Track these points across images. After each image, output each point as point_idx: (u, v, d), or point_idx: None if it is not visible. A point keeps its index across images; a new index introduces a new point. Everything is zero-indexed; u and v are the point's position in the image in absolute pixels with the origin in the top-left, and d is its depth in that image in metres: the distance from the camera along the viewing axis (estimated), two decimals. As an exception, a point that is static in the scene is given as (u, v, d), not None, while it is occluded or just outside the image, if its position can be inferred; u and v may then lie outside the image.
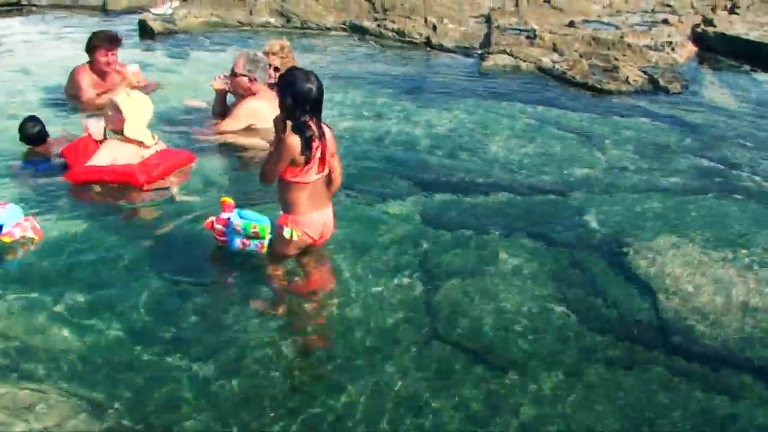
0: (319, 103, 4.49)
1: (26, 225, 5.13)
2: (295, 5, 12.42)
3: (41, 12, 13.45)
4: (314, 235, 4.76)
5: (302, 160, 4.43)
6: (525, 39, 10.90)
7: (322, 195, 4.73)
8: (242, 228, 4.77)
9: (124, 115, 6.07)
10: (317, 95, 4.45)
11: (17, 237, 5.08)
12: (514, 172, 6.58)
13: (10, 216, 5.09)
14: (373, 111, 8.03)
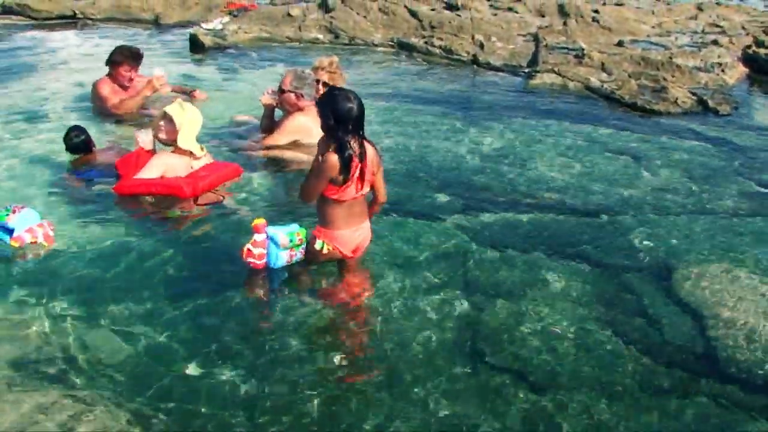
0: (360, 122, 4.53)
1: (38, 231, 5.23)
2: (344, 22, 12.50)
3: (95, 25, 13.70)
4: (346, 251, 4.82)
5: (341, 179, 4.48)
6: (573, 58, 10.85)
7: (360, 212, 4.78)
8: (289, 239, 4.77)
9: (178, 126, 6.13)
10: (358, 113, 4.49)
11: (27, 242, 5.19)
12: (561, 192, 6.53)
13: (23, 221, 5.19)
14: (419, 128, 8.03)
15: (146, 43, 11.97)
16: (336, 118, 4.47)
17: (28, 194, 6.20)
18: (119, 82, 8.13)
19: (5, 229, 5.15)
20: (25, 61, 10.84)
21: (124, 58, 8.09)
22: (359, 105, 4.51)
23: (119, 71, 8.09)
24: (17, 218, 5.16)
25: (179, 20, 13.74)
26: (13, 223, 5.13)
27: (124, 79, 8.10)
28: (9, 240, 5.15)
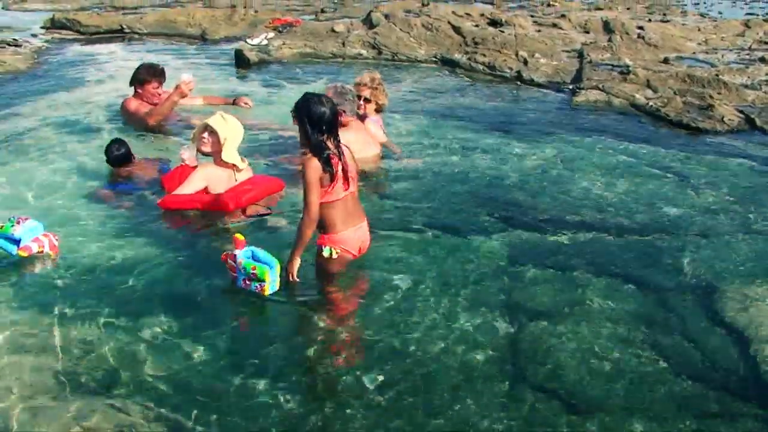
0: (333, 125, 4.85)
1: (44, 241, 5.35)
2: (387, 38, 12.54)
3: (142, 39, 13.92)
4: (353, 251, 5.01)
5: (327, 177, 4.73)
6: (618, 75, 10.76)
7: (355, 211, 5.03)
8: (243, 267, 4.85)
9: (222, 138, 6.17)
10: (331, 117, 4.82)
11: (34, 251, 5.30)
12: (604, 211, 6.46)
13: (29, 231, 5.30)
14: (461, 144, 8.01)
15: (192, 58, 12.17)
16: (310, 121, 4.79)
17: (69, 205, 6.34)
18: (147, 100, 8.30)
19: (12, 240, 5.26)
20: (73, 74, 11.07)
21: (152, 76, 8.30)
22: (332, 109, 4.85)
23: (147, 89, 8.29)
24: (23, 229, 5.28)
25: (225, 35, 13.92)
26: (20, 233, 5.26)
27: (153, 97, 8.29)
28: (17, 250, 5.26)
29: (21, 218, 5.36)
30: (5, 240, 5.28)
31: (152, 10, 16.19)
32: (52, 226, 5.74)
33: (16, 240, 5.25)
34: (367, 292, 5.07)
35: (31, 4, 17.53)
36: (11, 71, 11.05)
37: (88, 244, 5.67)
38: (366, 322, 4.76)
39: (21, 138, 7.97)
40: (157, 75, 8.34)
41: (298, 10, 16.85)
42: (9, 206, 6.25)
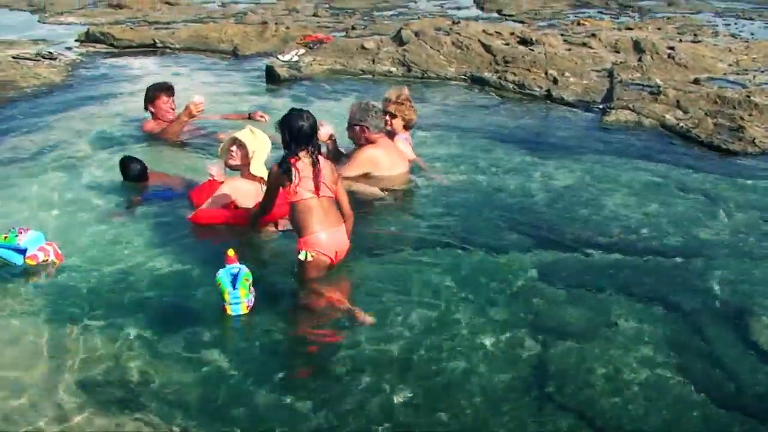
0: (309, 137, 5.30)
1: (49, 249, 5.49)
2: (417, 55, 12.57)
3: (174, 54, 14.05)
4: (329, 254, 5.27)
5: (285, 179, 5.19)
6: (648, 95, 10.71)
7: (330, 216, 5.29)
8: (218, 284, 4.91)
9: (250, 152, 6.22)
10: (308, 131, 5.28)
11: (41, 260, 5.44)
12: (634, 232, 6.44)
13: (34, 240, 5.46)
14: (490, 163, 8.01)
15: (223, 73, 12.27)
16: (289, 133, 5.28)
17: (98, 216, 6.44)
18: (162, 117, 8.48)
19: (18, 250, 5.41)
20: (107, 87, 11.20)
21: (158, 91, 8.52)
22: (311, 124, 5.31)
23: (158, 105, 8.49)
24: (27, 238, 5.43)
25: (256, 51, 14.00)
26: (25, 243, 5.42)
27: (165, 112, 8.48)
28: (23, 259, 5.40)
29: (22, 229, 5.53)
30: (10, 250, 5.43)
31: (185, 25, 16.34)
32: (79, 237, 5.89)
33: (22, 250, 5.41)
34: (393, 308, 5.07)
35: (67, 18, 17.74)
36: (46, 84, 11.20)
37: (116, 256, 5.76)
38: (392, 338, 4.76)
39: (54, 150, 8.09)
40: (164, 89, 8.56)
41: (328, 26, 16.94)
42: (38, 217, 6.39)
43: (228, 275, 4.87)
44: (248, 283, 4.89)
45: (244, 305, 4.89)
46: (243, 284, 4.85)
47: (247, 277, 4.89)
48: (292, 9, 19.64)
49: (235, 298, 4.84)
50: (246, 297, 4.88)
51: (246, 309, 4.90)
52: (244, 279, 4.86)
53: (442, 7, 21.55)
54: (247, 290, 4.88)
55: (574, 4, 22.48)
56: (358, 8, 20.54)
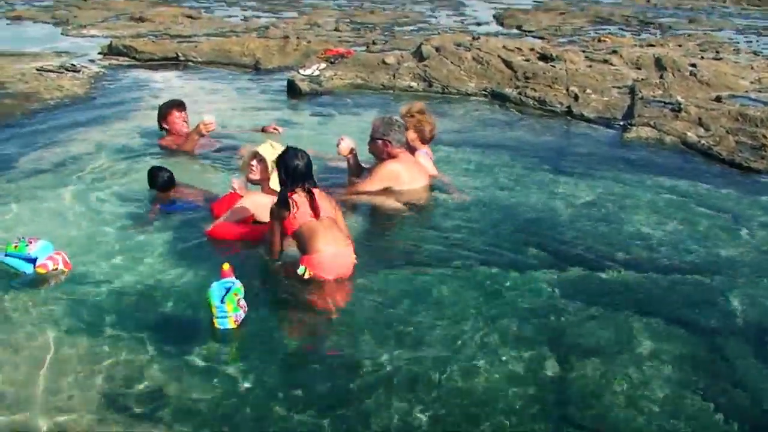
0: (306, 175, 5.55)
1: (57, 258, 5.58)
2: (438, 70, 12.61)
3: (196, 67, 14.16)
4: (328, 275, 5.44)
5: (285, 211, 5.44)
6: (669, 112, 10.67)
7: (332, 234, 5.51)
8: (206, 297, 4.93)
9: (270, 166, 6.25)
10: (303, 169, 5.53)
11: (50, 269, 5.52)
12: (654, 250, 6.40)
13: (43, 250, 5.56)
14: (510, 179, 8.00)
15: (245, 87, 12.34)
16: (285, 171, 5.52)
17: (119, 228, 6.49)
18: (176, 131, 8.69)
19: (28, 259, 5.52)
20: (129, 100, 11.30)
21: (169, 107, 8.79)
22: (306, 163, 5.55)
23: (171, 121, 8.73)
24: (37, 248, 5.54)
25: (278, 65, 14.10)
26: (35, 252, 5.52)
27: (178, 126, 8.69)
28: (33, 268, 5.49)
29: (32, 239, 5.61)
30: (21, 260, 5.53)
31: (207, 39, 16.47)
32: (99, 247, 6.00)
33: (33, 259, 5.50)
34: (412, 324, 5.06)
35: (89, 31, 17.91)
36: (69, 96, 11.30)
37: (135, 267, 5.79)
38: (410, 355, 4.75)
39: (76, 162, 8.15)
40: (174, 105, 8.81)
41: (349, 41, 17.02)
42: (60, 229, 6.43)
43: (220, 289, 4.87)
44: (237, 298, 4.89)
45: (232, 320, 4.88)
46: (231, 299, 4.85)
47: (237, 292, 4.90)
48: (314, 23, 19.75)
49: (221, 312, 4.85)
50: (234, 312, 4.87)
51: (234, 324, 4.90)
52: (233, 294, 4.86)
53: (463, 22, 21.62)
54: (235, 305, 4.87)
55: (595, 21, 22.50)
56: (378, 23, 20.64)
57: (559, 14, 23.59)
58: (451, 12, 24.14)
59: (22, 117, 10.12)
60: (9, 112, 10.25)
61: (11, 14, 20.37)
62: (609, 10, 25.33)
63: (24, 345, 4.76)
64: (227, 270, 5.01)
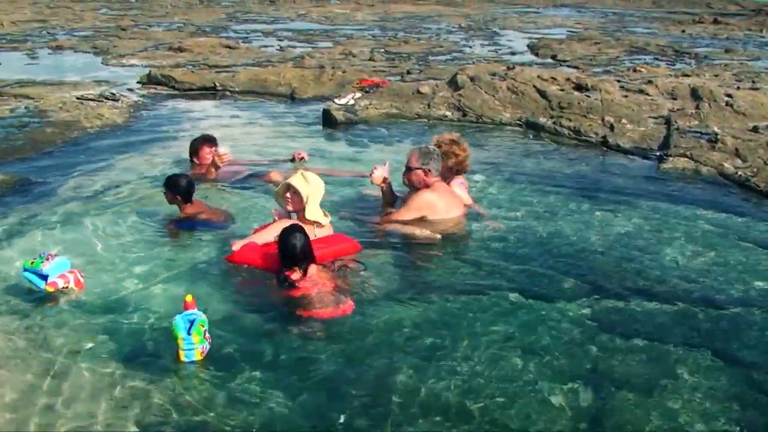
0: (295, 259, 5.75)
1: (69, 277, 5.70)
2: (472, 100, 12.66)
3: (233, 97, 14.34)
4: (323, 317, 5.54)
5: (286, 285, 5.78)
6: (706, 142, 10.62)
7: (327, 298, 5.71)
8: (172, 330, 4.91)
9: (304, 198, 6.33)
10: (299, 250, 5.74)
11: (60, 287, 5.64)
12: (692, 282, 6.35)
13: (56, 268, 5.64)
14: (546, 209, 7.99)
15: (281, 116, 12.46)
16: (282, 252, 5.77)
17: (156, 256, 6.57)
18: (203, 165, 8.86)
19: (41, 275, 5.60)
20: (167, 129, 11.46)
21: (201, 142, 9.01)
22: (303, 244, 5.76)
23: (201, 156, 8.93)
24: (51, 265, 5.62)
25: (313, 95, 14.24)
26: (48, 269, 5.59)
27: (208, 161, 8.79)
28: (44, 285, 5.58)
29: (50, 255, 5.73)
30: (35, 275, 5.63)
31: (244, 68, 16.68)
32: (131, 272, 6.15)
33: (44, 275, 5.60)
34: (446, 354, 5.06)
35: (129, 60, 18.22)
36: (109, 125, 11.49)
37: (169, 292, 5.90)
38: (445, 384, 4.74)
39: (114, 189, 8.27)
40: (206, 141, 9.00)
41: (384, 71, 17.14)
42: (94, 251, 6.61)
43: (184, 321, 4.85)
44: (203, 329, 4.88)
45: (198, 351, 4.88)
46: (198, 330, 4.84)
47: (203, 323, 4.89)
48: (349, 53, 19.92)
49: (188, 344, 4.83)
50: (200, 343, 4.87)
51: (200, 355, 4.90)
52: (199, 325, 4.85)
53: (497, 52, 21.69)
54: (201, 336, 4.86)
55: (630, 51, 22.48)
56: (413, 53, 20.77)
57: (593, 44, 23.59)
58: (486, 41, 24.24)
59: (63, 145, 10.31)
60: (50, 140, 10.45)
61: (53, 44, 20.76)
62: (644, 39, 25.30)
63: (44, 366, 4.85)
64: (190, 302, 4.98)
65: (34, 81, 14.92)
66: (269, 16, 31.02)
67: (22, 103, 12.64)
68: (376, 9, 36.14)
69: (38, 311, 5.53)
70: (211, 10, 32.36)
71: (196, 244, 6.86)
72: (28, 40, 21.57)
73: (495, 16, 34.38)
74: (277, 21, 29.37)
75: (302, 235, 5.77)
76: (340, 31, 26.11)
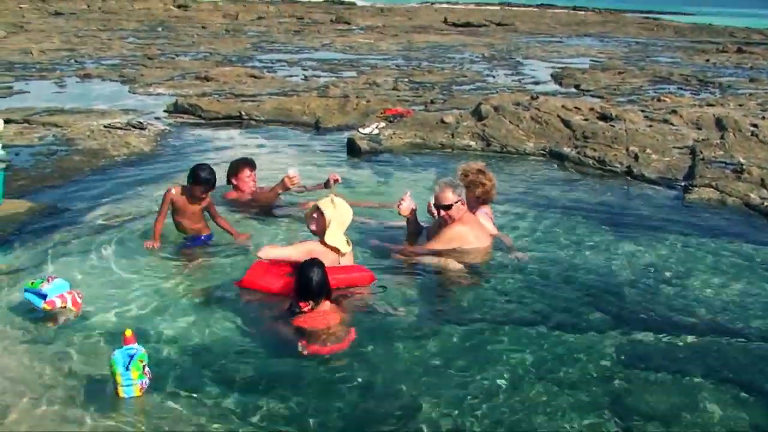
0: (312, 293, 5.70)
1: (67, 297, 5.88)
2: (496, 130, 12.68)
3: (259, 125, 14.43)
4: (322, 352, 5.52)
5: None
6: (731, 173, 10.57)
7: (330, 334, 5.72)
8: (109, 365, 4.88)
9: (327, 221, 6.39)
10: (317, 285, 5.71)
11: (58, 306, 5.81)
12: (719, 313, 6.31)
13: (55, 288, 5.84)
14: (570, 240, 7.98)
15: (306, 145, 12.54)
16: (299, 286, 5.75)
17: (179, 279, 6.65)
18: (243, 188, 8.89)
19: (40, 294, 5.80)
20: (193, 157, 11.47)
21: (242, 164, 8.98)
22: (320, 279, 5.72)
23: (241, 178, 8.88)
24: (50, 286, 5.83)
25: (338, 124, 14.30)
26: (47, 289, 5.80)
27: (247, 185, 8.87)
28: (42, 304, 5.78)
29: (50, 277, 5.97)
30: (35, 295, 5.82)
31: (269, 97, 16.79)
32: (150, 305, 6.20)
33: (43, 295, 5.79)
34: (472, 384, 5.06)
35: (156, 89, 18.39)
36: (136, 153, 11.59)
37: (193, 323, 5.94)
38: (469, 416, 4.74)
39: (141, 217, 8.32)
40: (247, 164, 8.98)
41: (408, 100, 17.21)
42: (121, 279, 6.70)
43: (124, 356, 4.80)
44: (142, 364, 4.83)
45: (137, 387, 4.83)
46: (137, 366, 4.79)
47: (142, 359, 4.84)
48: (373, 83, 20.02)
49: (127, 380, 4.78)
50: (139, 379, 4.81)
51: (139, 392, 4.84)
52: (138, 360, 4.80)
53: (521, 82, 21.73)
54: (140, 372, 4.81)
55: (654, 80, 22.44)
56: (437, 82, 20.85)
57: (617, 73, 23.59)
58: (509, 71, 24.30)
59: (91, 173, 10.41)
60: (78, 167, 10.55)
61: (81, 72, 21.01)
62: (668, 69, 25.27)
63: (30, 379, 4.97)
64: (129, 336, 4.92)
65: (62, 109, 15.09)
66: (294, 46, 31.27)
67: (50, 132, 12.80)
68: (400, 39, 36.33)
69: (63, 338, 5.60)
70: (237, 40, 32.66)
71: (211, 268, 6.99)
72: (56, 68, 21.84)
73: (518, 45, 34.48)
74: (302, 51, 29.59)
75: (321, 270, 5.76)
76: (364, 61, 26.26)
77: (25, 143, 11.91)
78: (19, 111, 14.57)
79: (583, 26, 51.97)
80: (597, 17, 63.75)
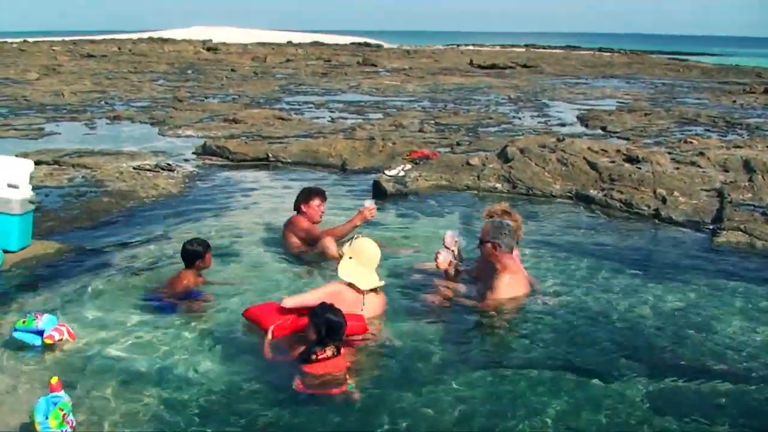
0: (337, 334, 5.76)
1: (62, 329, 6.09)
2: (522, 172, 12.70)
3: (285, 167, 14.56)
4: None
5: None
6: (760, 215, 10.49)
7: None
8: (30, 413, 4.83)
9: (342, 256, 6.45)
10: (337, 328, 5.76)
11: (57, 339, 6.02)
12: (750, 360, 6.22)
13: (49, 322, 6.03)
14: (597, 284, 7.93)
15: (332, 187, 12.58)
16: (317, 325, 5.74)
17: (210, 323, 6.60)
18: (311, 217, 8.88)
19: (36, 332, 5.99)
20: (221, 199, 11.65)
21: (316, 193, 9.03)
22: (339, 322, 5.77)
23: (311, 206, 8.91)
24: (44, 321, 6.02)
25: (364, 166, 14.39)
26: (42, 325, 5.99)
27: (314, 213, 8.90)
28: (42, 339, 5.97)
29: (38, 313, 6.11)
30: (29, 333, 6.00)
31: (296, 140, 16.95)
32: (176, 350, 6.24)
33: (40, 331, 5.98)
34: (496, 430, 5.02)
35: (185, 131, 18.62)
36: (164, 195, 11.72)
37: (213, 367, 5.96)
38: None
39: (170, 259, 8.37)
40: (320, 193, 9.07)
41: (434, 142, 17.29)
42: (151, 321, 6.74)
43: (47, 404, 4.74)
44: (63, 413, 4.72)
45: None
46: (56, 414, 4.69)
47: (63, 407, 4.74)
48: (399, 125, 20.14)
49: (45, 428, 4.67)
50: (59, 428, 4.69)
51: None
52: (58, 409, 4.71)
53: (546, 123, 21.76)
54: (59, 421, 4.69)
55: (680, 121, 22.39)
56: (463, 124, 20.94)
57: (643, 115, 23.56)
58: (535, 113, 24.35)
59: (119, 214, 10.53)
60: (107, 209, 10.68)
61: (111, 114, 21.35)
62: (694, 110, 25.20)
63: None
64: (55, 384, 4.86)
65: (92, 151, 15.33)
66: (321, 88, 31.59)
67: (80, 173, 13.00)
68: (426, 80, 36.60)
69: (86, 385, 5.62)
70: (265, 83, 33.05)
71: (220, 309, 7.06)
72: (87, 110, 22.21)
73: (544, 87, 34.58)
74: (329, 93, 29.88)
75: (338, 311, 5.85)
76: (390, 103, 26.44)
77: (55, 184, 12.10)
78: (50, 152, 14.83)
79: (609, 68, 52.06)
80: (623, 59, 63.88)
